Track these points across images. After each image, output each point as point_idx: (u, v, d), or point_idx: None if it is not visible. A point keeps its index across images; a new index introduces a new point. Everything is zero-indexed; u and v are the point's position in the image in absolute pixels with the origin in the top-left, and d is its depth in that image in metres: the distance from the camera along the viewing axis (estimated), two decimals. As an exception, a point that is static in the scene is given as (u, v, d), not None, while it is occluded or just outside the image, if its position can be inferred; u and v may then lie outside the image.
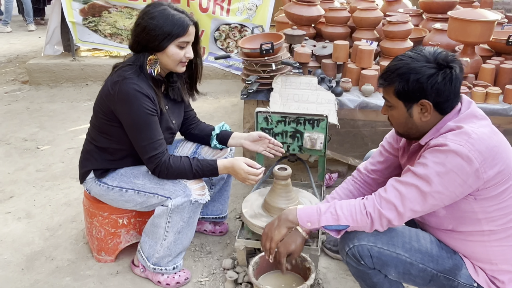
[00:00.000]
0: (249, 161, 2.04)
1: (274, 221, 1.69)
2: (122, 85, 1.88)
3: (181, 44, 1.92)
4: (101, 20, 5.09)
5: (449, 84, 1.49)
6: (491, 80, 2.84)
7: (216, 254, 2.37)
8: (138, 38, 1.92)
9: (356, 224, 1.56)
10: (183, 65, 1.99)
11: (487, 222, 1.53)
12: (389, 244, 1.57)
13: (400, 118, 1.60)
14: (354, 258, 1.60)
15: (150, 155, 1.93)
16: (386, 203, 1.52)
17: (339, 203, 1.60)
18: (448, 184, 1.44)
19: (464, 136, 1.44)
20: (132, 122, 1.91)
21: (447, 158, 1.43)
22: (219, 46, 5.16)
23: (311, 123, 2.48)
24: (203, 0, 4.91)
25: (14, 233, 2.55)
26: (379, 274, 1.62)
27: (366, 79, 2.84)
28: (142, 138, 1.92)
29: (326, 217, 1.58)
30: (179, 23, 1.89)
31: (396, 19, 3.05)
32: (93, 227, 2.24)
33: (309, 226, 1.62)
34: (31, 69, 5.12)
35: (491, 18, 2.75)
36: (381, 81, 1.61)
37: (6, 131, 3.92)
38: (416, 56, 1.53)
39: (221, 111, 4.40)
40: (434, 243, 1.62)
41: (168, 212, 1.98)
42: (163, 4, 1.93)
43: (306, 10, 3.36)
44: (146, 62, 1.92)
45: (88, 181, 2.11)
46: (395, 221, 1.52)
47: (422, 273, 1.59)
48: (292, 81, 2.77)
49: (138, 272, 2.20)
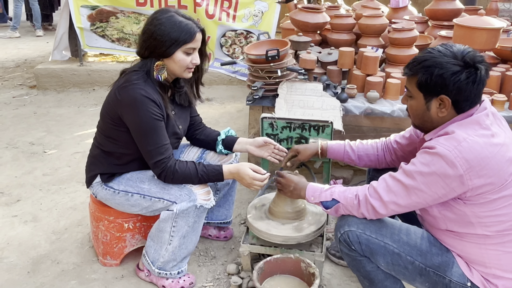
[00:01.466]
0: (254, 167, 2.04)
1: (291, 185, 1.89)
2: (128, 90, 1.91)
3: (188, 51, 1.95)
4: (108, 25, 5.15)
5: (471, 84, 1.50)
6: (497, 87, 2.84)
7: (220, 259, 2.38)
8: (145, 44, 1.94)
9: (345, 202, 1.68)
10: (189, 71, 2.02)
11: (480, 226, 1.55)
12: (377, 233, 1.65)
13: (418, 109, 1.62)
14: (345, 243, 1.69)
15: (156, 160, 1.94)
16: (373, 191, 1.63)
17: (340, 186, 1.75)
18: (430, 184, 1.51)
19: (453, 142, 1.47)
20: (138, 127, 1.93)
21: (432, 160, 1.49)
22: (225, 52, 5.20)
23: (316, 129, 2.48)
24: (209, 7, 4.95)
25: (20, 236, 2.57)
26: (371, 263, 1.69)
27: (371, 86, 2.85)
28: (148, 143, 1.94)
29: (325, 194, 1.74)
30: (186, 29, 1.91)
31: (401, 26, 3.07)
32: (99, 231, 2.25)
33: (311, 200, 1.79)
34: (38, 74, 5.18)
35: (497, 26, 2.76)
36: (406, 70, 1.62)
37: (13, 135, 3.95)
38: (445, 51, 1.53)
39: (226, 116, 4.42)
40: (426, 239, 1.67)
41: (173, 217, 1.99)
42: (170, 11, 1.95)
43: (312, 17, 3.38)
44: (153, 68, 1.94)
45: (94, 185, 2.13)
46: (379, 209, 1.62)
47: (410, 265, 1.64)
48: (298, 87, 2.78)
49: (143, 276, 2.21)
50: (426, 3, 3.71)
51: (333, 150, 2.13)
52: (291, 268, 2.03)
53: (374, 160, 2.07)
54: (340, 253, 1.81)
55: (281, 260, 2.02)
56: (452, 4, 3.46)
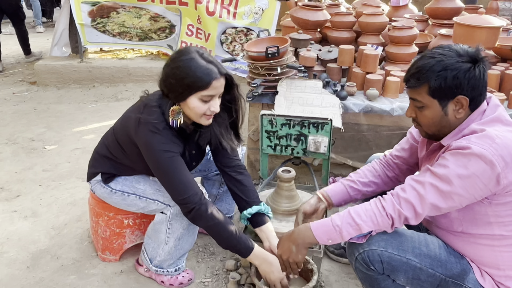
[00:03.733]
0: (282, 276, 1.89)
1: (291, 247, 1.64)
2: (145, 130, 1.81)
3: (204, 98, 1.78)
4: (109, 20, 5.14)
5: (482, 78, 1.48)
6: (496, 86, 2.84)
7: (219, 255, 2.39)
8: (164, 83, 1.82)
9: (378, 228, 1.54)
10: (207, 118, 1.85)
11: (498, 226, 1.51)
12: (399, 249, 1.56)
13: (434, 118, 1.54)
14: (364, 263, 1.58)
15: (183, 197, 1.84)
16: (405, 203, 1.50)
17: (354, 211, 1.56)
18: (469, 187, 1.43)
19: (487, 140, 1.41)
20: (156, 165, 1.85)
21: (470, 161, 1.41)
22: (225, 49, 5.20)
23: (316, 126, 2.49)
24: (210, 4, 4.94)
25: (20, 231, 2.58)
26: (387, 279, 1.61)
27: (371, 84, 2.85)
28: (170, 180, 1.85)
29: (348, 231, 1.54)
30: (203, 75, 1.74)
31: (401, 25, 3.07)
32: (99, 226, 2.26)
33: (330, 243, 1.58)
34: (39, 70, 5.18)
35: (497, 24, 2.76)
36: (413, 81, 1.54)
37: (13, 131, 3.96)
38: (447, 53, 1.50)
39: (226, 114, 4.42)
40: (443, 247, 1.61)
41: (167, 220, 2.00)
42: (191, 52, 1.78)
43: (312, 15, 3.38)
44: (168, 112, 1.82)
45: (93, 182, 2.14)
46: (412, 221, 1.50)
47: (431, 278, 1.58)
48: (297, 85, 2.79)
49: (142, 271, 2.22)
50: (427, 1, 3.71)
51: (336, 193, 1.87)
52: (289, 264, 2.04)
53: (379, 181, 1.89)
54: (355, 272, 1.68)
55: (280, 256, 2.03)
56: (452, 3, 3.46)
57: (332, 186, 1.88)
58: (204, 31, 5.10)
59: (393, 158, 1.91)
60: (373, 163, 1.95)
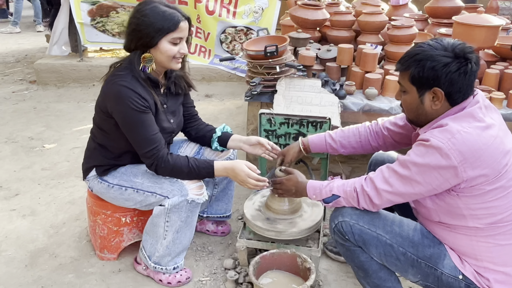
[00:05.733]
0: (250, 165, 2.03)
1: (291, 189, 1.91)
2: (112, 84, 1.91)
3: (174, 40, 1.92)
4: (109, 20, 5.14)
5: (463, 75, 1.52)
6: (495, 85, 2.84)
7: (217, 254, 2.39)
8: (130, 36, 1.94)
9: (345, 195, 1.70)
10: (177, 61, 1.99)
11: (471, 218, 1.57)
12: (369, 223, 1.68)
13: (412, 103, 1.63)
14: (340, 233, 1.72)
15: (146, 151, 1.94)
16: (370, 182, 1.65)
17: (339, 180, 1.77)
18: (424, 175, 1.52)
19: (447, 134, 1.48)
20: (124, 120, 1.93)
21: (428, 152, 1.51)
22: (225, 48, 5.19)
23: (314, 125, 2.49)
24: (209, 3, 4.94)
25: (18, 230, 2.58)
26: (364, 254, 1.71)
27: (370, 83, 2.85)
28: (136, 135, 1.94)
29: (325, 190, 1.75)
30: (170, 18, 1.89)
31: (401, 24, 3.07)
32: (96, 225, 2.26)
33: (313, 198, 1.81)
34: (38, 69, 5.18)
35: (496, 23, 2.76)
36: (398, 65, 1.64)
37: (13, 130, 3.96)
38: (435, 44, 1.56)
39: (225, 113, 4.42)
40: (418, 231, 1.69)
41: (165, 212, 2.00)
42: (153, 2, 1.93)
43: (311, 14, 3.38)
44: (140, 61, 1.93)
45: (90, 179, 2.14)
46: (374, 199, 1.64)
47: (402, 256, 1.66)
48: (296, 84, 2.79)
49: (140, 270, 2.22)
50: (426, 0, 3.71)
51: (315, 145, 2.11)
52: (287, 263, 2.04)
53: (358, 147, 2.06)
54: (336, 245, 1.83)
55: (277, 255, 2.03)
56: (452, 2, 3.46)
57: (316, 139, 2.11)
58: (203, 30, 5.09)
59: (383, 129, 2.01)
60: (361, 127, 2.07)
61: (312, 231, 2.11)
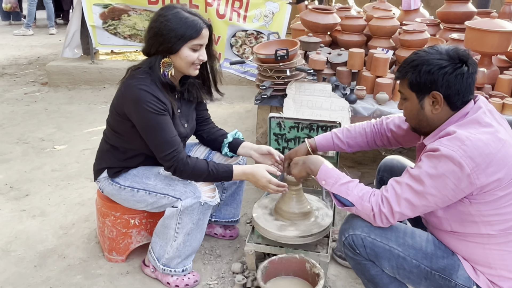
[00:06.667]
0: (270, 169, 2.05)
1: (299, 161, 1.90)
2: (131, 87, 1.92)
3: (195, 47, 1.94)
4: (120, 23, 5.18)
5: (460, 77, 1.53)
6: (508, 91, 2.80)
7: (225, 257, 2.38)
8: (151, 41, 1.94)
9: (360, 208, 1.64)
10: (195, 67, 2.01)
11: (484, 225, 1.54)
12: (382, 236, 1.64)
13: (412, 110, 1.65)
14: (350, 247, 1.68)
15: (165, 154, 1.94)
16: (385, 201, 1.60)
17: (357, 184, 1.70)
18: (440, 187, 1.49)
19: (457, 141, 1.47)
20: (143, 123, 1.93)
21: (440, 162, 1.48)
22: (235, 52, 5.21)
23: (324, 129, 2.48)
24: (220, 7, 4.96)
25: (28, 230, 2.59)
26: (376, 267, 1.68)
27: (380, 87, 2.83)
28: (156, 138, 1.94)
29: (340, 189, 1.69)
30: (193, 25, 1.90)
31: (412, 28, 3.04)
32: (105, 226, 2.26)
33: (323, 184, 1.75)
34: (50, 71, 5.23)
35: (509, 29, 2.72)
36: (397, 74, 1.67)
37: (24, 131, 4.00)
38: (429, 50, 1.60)
39: (235, 116, 4.42)
40: (431, 241, 1.66)
41: (178, 213, 2.00)
42: (176, 7, 1.94)
43: (322, 18, 3.37)
44: (159, 65, 1.94)
45: (101, 180, 2.15)
46: (391, 219, 1.60)
47: (415, 269, 1.63)
48: (306, 88, 2.78)
49: (148, 272, 2.22)
50: (438, 5, 3.68)
51: (322, 146, 2.12)
52: (295, 268, 2.03)
53: (364, 145, 2.10)
54: (345, 257, 1.80)
55: (286, 259, 2.02)
56: (464, 7, 3.42)
57: (323, 141, 2.11)
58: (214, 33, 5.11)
59: (387, 131, 2.03)
60: (367, 127, 2.08)
61: (321, 236, 2.09)
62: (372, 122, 2.09)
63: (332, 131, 2.13)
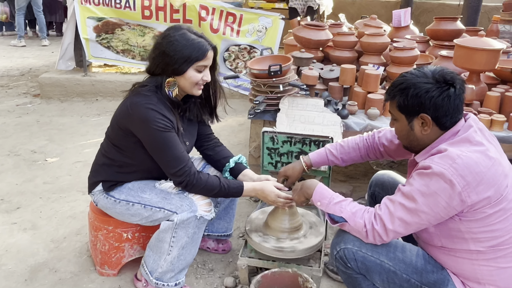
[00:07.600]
0: (278, 185, 2.10)
1: (297, 186, 1.95)
2: (140, 107, 1.92)
3: (199, 68, 1.97)
4: (114, 37, 5.21)
5: (447, 99, 1.56)
6: (496, 107, 2.86)
7: (218, 272, 2.38)
8: (156, 61, 1.96)
9: (353, 224, 1.66)
10: (199, 87, 2.03)
11: (473, 242, 1.57)
12: (373, 250, 1.67)
13: (402, 130, 1.69)
14: (341, 261, 1.71)
15: (177, 169, 1.95)
16: (378, 219, 1.62)
17: (350, 202, 1.72)
18: (432, 204, 1.52)
19: (448, 160, 1.49)
20: (153, 142, 1.94)
21: (431, 180, 1.51)
22: (228, 66, 5.25)
23: (317, 144, 2.51)
24: (214, 21, 5.01)
25: (19, 243, 2.57)
26: (367, 281, 1.71)
27: (372, 103, 2.88)
28: (165, 155, 1.95)
29: (334, 208, 1.71)
30: (198, 47, 1.93)
31: (402, 45, 3.11)
32: (98, 240, 2.26)
33: (318, 205, 1.79)
34: (43, 83, 5.23)
35: (497, 47, 2.79)
36: (386, 96, 1.72)
37: (15, 143, 3.98)
38: (416, 72, 1.63)
39: (227, 129, 4.45)
40: (421, 256, 1.68)
41: (173, 227, 2.00)
42: (182, 28, 1.97)
43: (314, 34, 3.43)
44: (164, 84, 1.96)
45: (96, 193, 2.15)
46: (384, 237, 1.62)
47: (406, 283, 1.65)
48: (299, 103, 2.81)
49: (140, 287, 2.21)
50: (428, 22, 3.77)
51: (317, 163, 2.16)
52: (288, 283, 2.03)
53: (358, 159, 2.15)
54: (337, 271, 1.82)
55: (279, 274, 2.02)
56: (453, 25, 3.51)
57: (317, 158, 2.15)
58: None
59: (379, 145, 2.07)
60: (360, 142, 2.12)
61: (314, 250, 2.11)
62: (364, 136, 2.13)
63: (325, 148, 2.16)
